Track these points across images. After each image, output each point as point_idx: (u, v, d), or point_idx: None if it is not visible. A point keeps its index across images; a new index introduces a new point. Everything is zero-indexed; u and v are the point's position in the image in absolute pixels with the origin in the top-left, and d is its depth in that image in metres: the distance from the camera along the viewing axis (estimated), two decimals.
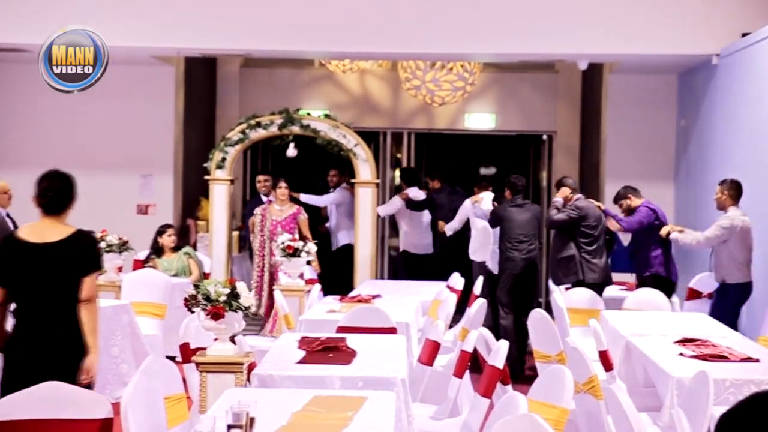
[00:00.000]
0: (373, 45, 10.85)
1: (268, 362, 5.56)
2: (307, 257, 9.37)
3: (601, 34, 10.55)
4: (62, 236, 5.11)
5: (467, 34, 10.64)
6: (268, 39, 10.73)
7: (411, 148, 14.86)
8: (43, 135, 12.56)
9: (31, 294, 5.03)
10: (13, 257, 5.05)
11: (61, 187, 5.23)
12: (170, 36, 10.67)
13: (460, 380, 5.90)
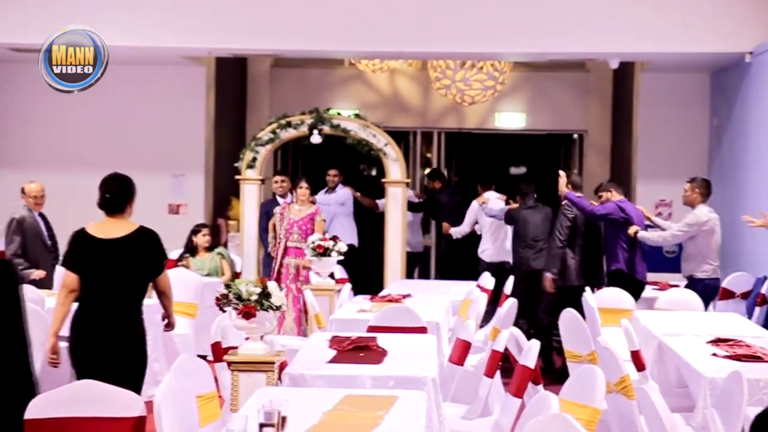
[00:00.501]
0: (403, 44, 10.85)
1: (299, 361, 5.57)
2: (338, 257, 9.38)
3: (632, 32, 10.49)
4: (126, 232, 5.63)
5: (498, 33, 10.61)
6: (298, 39, 10.76)
7: (441, 147, 14.85)
8: (76, 135, 12.64)
9: (99, 284, 5.55)
10: (83, 251, 5.57)
11: (120, 188, 5.72)
12: (201, 36, 10.72)
13: (491, 380, 5.88)
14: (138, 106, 12.66)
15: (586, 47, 10.68)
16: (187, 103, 12.72)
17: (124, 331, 5.56)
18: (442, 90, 13.21)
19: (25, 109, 12.62)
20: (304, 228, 10.01)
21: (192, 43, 10.82)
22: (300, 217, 10.05)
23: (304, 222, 10.05)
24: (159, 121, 12.67)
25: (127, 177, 5.82)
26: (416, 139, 14.78)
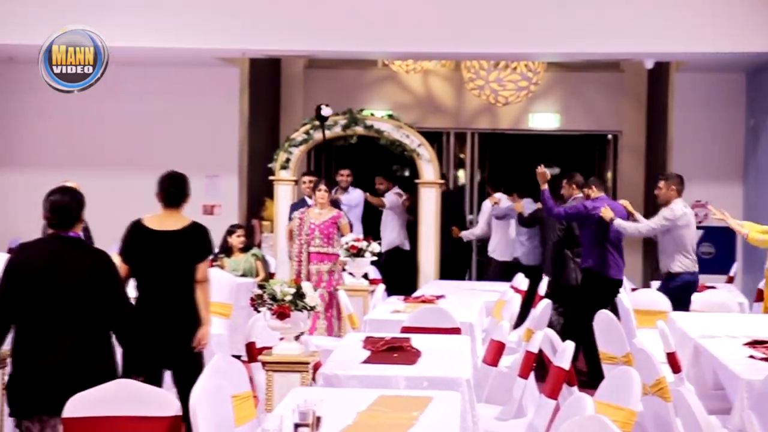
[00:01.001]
0: (437, 45, 10.84)
1: (334, 362, 5.58)
2: (372, 257, 9.39)
3: (667, 32, 10.42)
4: (181, 226, 5.97)
5: (532, 34, 10.58)
6: (332, 40, 10.77)
7: (474, 148, 14.82)
8: (112, 136, 12.73)
9: (154, 273, 5.86)
10: (139, 242, 5.88)
11: (180, 184, 6.09)
12: (235, 38, 10.76)
13: (525, 381, 5.87)
14: (173, 108, 12.73)
15: (621, 47, 10.62)
16: (222, 105, 12.77)
17: (182, 318, 5.87)
18: (475, 91, 13.18)
19: (61, 109, 12.72)
20: (326, 232, 9.52)
21: (226, 44, 10.87)
22: (321, 220, 9.53)
23: (326, 226, 9.54)
24: (193, 123, 12.74)
25: (185, 175, 6.20)
26: (449, 140, 14.76)
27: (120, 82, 12.72)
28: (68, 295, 4.66)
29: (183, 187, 6.11)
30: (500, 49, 10.93)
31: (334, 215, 9.56)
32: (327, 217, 9.53)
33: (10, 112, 12.79)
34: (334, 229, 9.50)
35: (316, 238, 9.45)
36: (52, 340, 4.63)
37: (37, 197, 4.92)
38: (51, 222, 4.84)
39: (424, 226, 11.53)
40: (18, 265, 4.74)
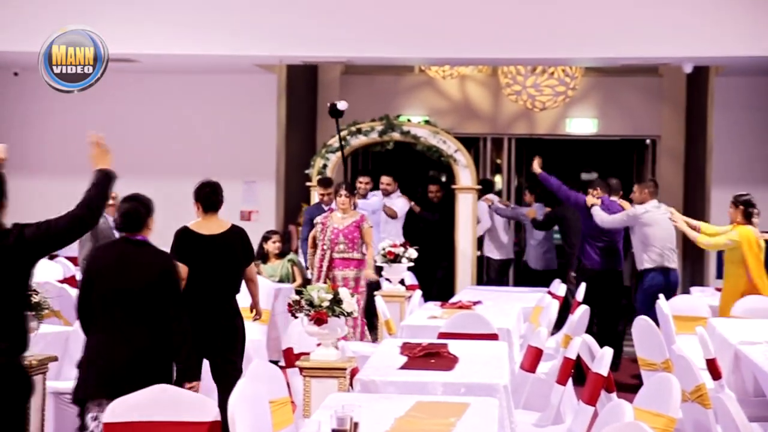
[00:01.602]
0: (474, 50, 10.83)
1: (371, 367, 5.58)
2: (409, 263, 9.39)
3: (706, 36, 10.34)
4: (223, 229, 6.46)
5: (569, 39, 10.53)
6: (369, 46, 10.79)
7: (511, 153, 14.79)
8: (151, 143, 12.82)
9: (206, 275, 6.30)
10: (191, 246, 6.34)
11: (217, 190, 6.56)
12: (273, 44, 10.81)
13: (563, 387, 5.84)
14: (211, 114, 12.81)
15: (659, 52, 10.55)
16: (259, 111, 12.83)
17: (229, 316, 6.38)
18: (512, 96, 13.15)
19: (99, 117, 12.84)
20: (350, 237, 9.28)
21: (264, 51, 10.92)
22: (344, 225, 9.29)
23: (349, 230, 9.30)
24: (231, 129, 12.81)
25: (218, 183, 6.68)
26: (486, 145, 14.73)
27: (159, 89, 12.83)
28: (136, 292, 5.16)
29: (220, 193, 6.60)
30: (537, 55, 10.90)
31: (357, 219, 9.34)
32: (350, 221, 9.32)
33: (40, 118, 12.93)
34: (358, 233, 9.29)
35: (340, 243, 9.25)
36: (121, 333, 5.14)
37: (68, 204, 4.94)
38: (121, 226, 5.36)
39: (461, 232, 11.52)
40: (93, 265, 5.34)
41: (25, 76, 12.59)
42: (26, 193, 12.56)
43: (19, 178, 12.86)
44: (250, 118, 12.81)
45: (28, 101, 12.93)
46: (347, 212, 9.32)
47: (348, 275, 9.25)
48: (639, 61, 11.52)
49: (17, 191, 12.92)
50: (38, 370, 5.57)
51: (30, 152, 12.95)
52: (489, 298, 9.18)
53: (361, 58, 11.32)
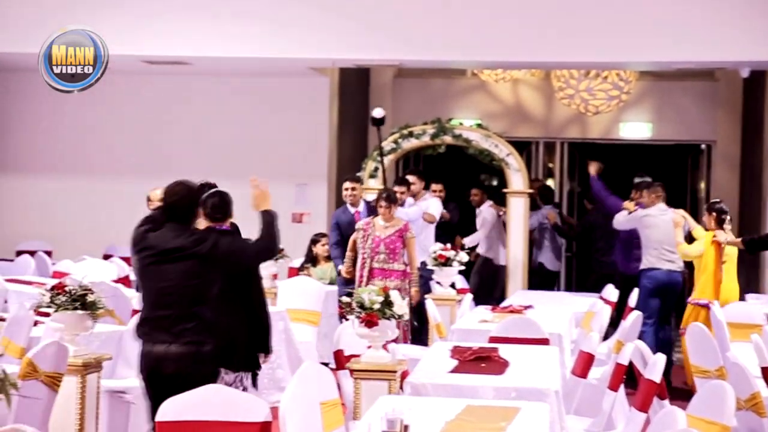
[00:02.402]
0: (527, 54, 10.78)
1: (421, 371, 5.58)
2: (460, 267, 9.37)
3: (764, 40, 10.20)
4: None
5: (623, 42, 10.45)
6: (421, 49, 10.79)
7: (564, 157, 14.70)
8: (205, 145, 12.93)
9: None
10: None
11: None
12: (326, 47, 10.85)
13: (615, 393, 5.80)
14: (263, 117, 12.88)
15: (715, 55, 10.43)
16: (311, 114, 12.88)
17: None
18: (565, 100, 13.08)
19: (155, 118, 12.99)
20: (392, 247, 8.78)
21: (317, 54, 10.96)
22: (386, 234, 8.80)
23: (391, 240, 8.80)
24: (283, 132, 12.87)
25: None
26: (539, 150, 14.66)
27: (212, 92, 12.94)
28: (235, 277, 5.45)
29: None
30: (591, 58, 10.83)
31: (401, 228, 8.84)
32: (393, 230, 8.83)
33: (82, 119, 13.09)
34: (401, 243, 8.80)
35: (380, 252, 8.77)
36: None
37: (134, 205, 5.06)
38: (211, 217, 5.67)
39: (513, 236, 11.47)
40: None
41: None
42: (107, 194, 12.77)
43: (79, 179, 13.06)
44: (303, 121, 12.86)
45: (86, 103, 13.10)
46: (389, 219, 8.86)
47: (389, 286, 8.83)
48: (695, 65, 11.40)
49: (90, 192, 13.05)
50: (93, 369, 5.63)
51: (87, 154, 13.12)
52: (540, 302, 9.13)
53: (414, 61, 11.32)
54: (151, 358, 5.15)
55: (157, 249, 5.25)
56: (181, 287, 5.18)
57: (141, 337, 5.23)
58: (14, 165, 13.18)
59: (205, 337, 5.15)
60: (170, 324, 5.14)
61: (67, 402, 5.43)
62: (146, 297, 5.32)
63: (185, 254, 5.22)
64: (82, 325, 5.69)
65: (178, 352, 5.09)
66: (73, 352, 5.48)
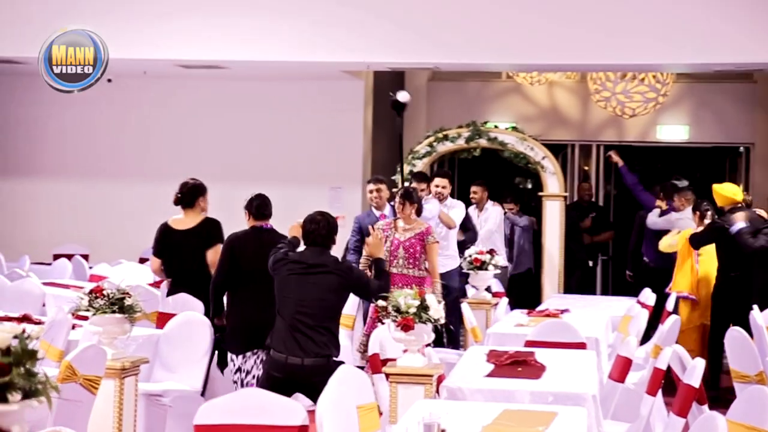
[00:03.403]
0: (562, 56, 10.73)
1: (457, 375, 5.56)
2: (495, 270, 9.34)
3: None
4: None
5: (660, 44, 10.37)
6: (456, 52, 10.76)
7: (600, 160, 14.61)
8: (239, 149, 12.98)
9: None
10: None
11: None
12: (360, 50, 10.85)
13: (653, 398, 5.75)
14: (297, 120, 12.91)
15: (753, 57, 10.31)
16: (346, 117, 12.90)
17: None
18: (601, 102, 13.01)
19: (187, 122, 13.06)
20: (412, 251, 8.12)
21: (351, 57, 10.98)
22: (406, 237, 8.15)
23: (411, 243, 8.14)
24: (318, 135, 12.89)
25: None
26: (574, 152, 14.59)
27: (246, 95, 12.98)
28: (264, 269, 6.07)
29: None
30: (628, 60, 10.75)
31: (422, 231, 8.17)
32: (414, 233, 8.17)
33: (136, 123, 13.18)
34: (420, 247, 8.14)
35: (399, 257, 8.11)
36: (256, 303, 6.55)
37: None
38: (256, 217, 6.84)
39: (548, 239, 11.42)
40: (233, 248, 6.76)
41: (118, 82, 12.85)
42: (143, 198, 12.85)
43: (115, 183, 13.15)
44: (337, 125, 12.88)
45: (122, 107, 13.21)
46: (410, 221, 8.20)
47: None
48: (733, 66, 11.28)
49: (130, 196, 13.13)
50: (130, 372, 5.67)
51: (123, 158, 13.21)
52: (577, 306, 9.08)
53: (448, 64, 11.31)
54: (282, 367, 5.73)
55: (299, 263, 5.89)
56: (319, 300, 5.77)
57: (274, 346, 5.82)
58: (52, 169, 13.30)
59: (333, 350, 5.82)
60: (306, 335, 5.72)
61: (105, 405, 5.46)
62: (282, 308, 5.86)
63: (327, 270, 5.84)
64: (119, 328, 5.73)
65: (311, 365, 5.67)
66: (111, 356, 5.52)
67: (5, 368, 2.82)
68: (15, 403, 2.80)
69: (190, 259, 7.53)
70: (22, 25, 10.69)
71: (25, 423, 2.81)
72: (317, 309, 5.76)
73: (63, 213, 13.14)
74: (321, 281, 5.79)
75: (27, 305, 7.62)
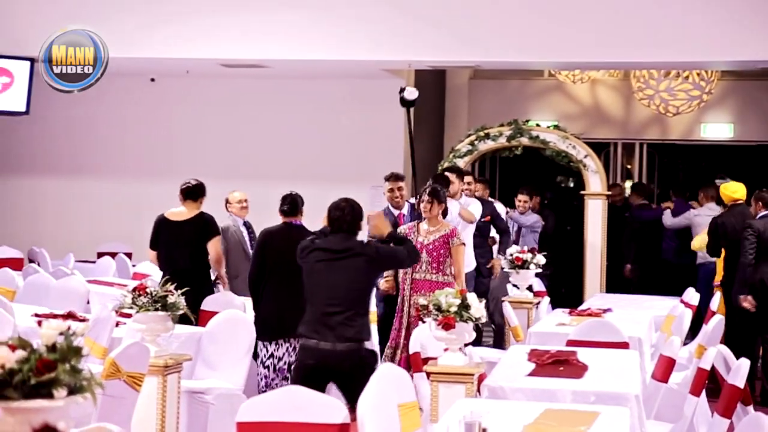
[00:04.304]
0: (605, 54, 10.66)
1: (498, 374, 5.54)
2: (537, 269, 9.29)
3: None
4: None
5: (704, 42, 10.27)
6: (498, 50, 10.73)
7: (643, 159, 14.52)
8: (280, 147, 13.03)
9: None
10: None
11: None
12: (402, 49, 10.85)
13: (697, 399, 5.69)
14: (339, 119, 12.94)
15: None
16: (387, 116, 12.88)
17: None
18: (644, 100, 12.92)
19: (235, 121, 13.12)
20: (436, 254, 7.47)
21: (393, 56, 10.98)
22: (430, 240, 7.50)
23: (435, 247, 7.49)
24: (359, 133, 12.91)
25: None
26: (617, 151, 14.49)
27: (289, 94, 13.03)
28: (292, 261, 6.06)
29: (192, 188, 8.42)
30: (671, 58, 10.66)
31: (447, 233, 7.51)
32: (439, 235, 7.52)
33: (177, 122, 13.26)
34: (446, 250, 7.49)
35: (423, 262, 7.42)
36: (287, 293, 6.81)
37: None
38: (287, 214, 7.20)
39: (590, 238, 11.35)
40: (265, 242, 7.15)
41: (161, 81, 12.95)
42: None
43: (158, 181, 13.24)
44: (378, 123, 12.88)
45: (165, 106, 13.30)
46: (434, 223, 7.55)
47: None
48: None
49: None
50: (173, 369, 5.71)
51: (167, 156, 13.31)
52: (619, 305, 9.01)
53: (490, 62, 11.27)
54: (314, 353, 5.68)
55: (327, 251, 5.82)
56: (349, 285, 5.72)
57: (305, 333, 5.76)
58: (96, 168, 13.43)
59: (364, 335, 5.80)
60: (337, 321, 5.67)
61: (149, 402, 5.50)
62: (312, 296, 5.81)
63: (354, 253, 5.77)
64: (162, 326, 5.77)
65: (343, 350, 5.62)
66: (154, 353, 5.56)
67: (51, 365, 2.85)
68: (60, 399, 2.84)
69: (186, 248, 8.05)
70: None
71: (71, 419, 2.84)
72: (347, 294, 5.72)
73: (107, 211, 13.26)
74: (350, 265, 5.74)
75: (72, 303, 7.70)
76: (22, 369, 2.84)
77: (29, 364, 2.85)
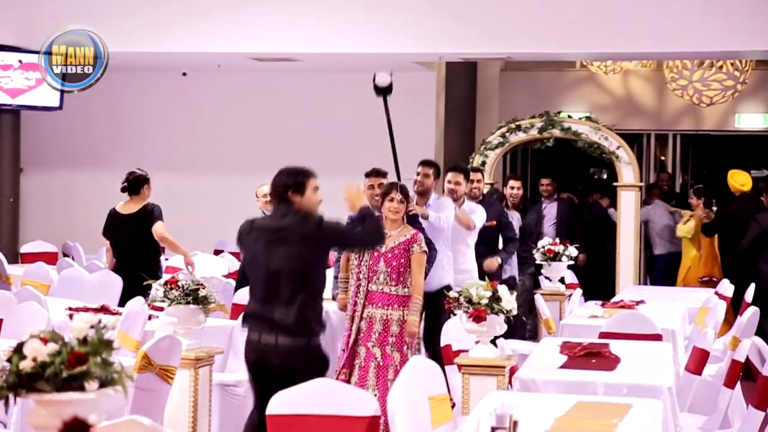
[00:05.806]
0: (638, 45, 10.58)
1: (530, 366, 5.52)
2: (569, 261, 9.25)
3: None
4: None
5: (738, 31, 10.17)
6: (529, 42, 10.68)
7: (676, 150, 14.41)
8: (312, 140, 13.04)
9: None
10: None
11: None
12: (433, 41, 10.83)
13: (732, 391, 5.65)
14: (370, 111, 12.91)
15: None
16: (418, 108, 12.87)
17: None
18: (678, 91, 12.81)
19: (266, 114, 13.16)
20: (396, 264, 6.47)
21: (424, 48, 10.96)
22: (389, 247, 6.46)
23: (395, 255, 6.48)
24: None
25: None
26: (650, 142, 14.39)
27: (320, 87, 13.05)
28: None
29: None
30: (705, 48, 10.56)
31: (408, 239, 6.51)
32: (398, 242, 6.51)
33: (209, 116, 13.31)
34: (406, 258, 6.48)
35: (380, 272, 6.50)
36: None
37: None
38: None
39: (623, 230, 11.28)
40: None
41: (193, 76, 13.00)
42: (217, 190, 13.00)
43: (189, 175, 13.32)
44: (410, 115, 12.85)
45: (198, 100, 13.36)
46: (396, 225, 6.55)
47: (392, 317, 6.48)
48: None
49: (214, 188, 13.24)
50: (205, 363, 5.73)
51: (196, 151, 13.37)
52: (652, 297, 8.95)
53: (521, 54, 11.22)
54: (255, 348, 5.10)
55: (264, 229, 5.15)
56: (289, 269, 4.99)
57: (247, 326, 5.19)
58: (129, 162, 13.48)
59: (313, 328, 5.07)
60: (279, 311, 4.99)
61: (181, 395, 5.53)
62: (253, 282, 5.25)
63: (291, 231, 5.02)
64: (194, 319, 5.79)
65: (287, 345, 4.98)
66: (186, 346, 5.59)
67: (82, 358, 2.88)
68: (92, 391, 2.86)
69: (132, 239, 8.34)
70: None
71: (102, 412, 2.86)
72: (288, 279, 4.97)
73: None
74: (287, 246, 4.98)
75: (106, 296, 7.75)
76: (54, 362, 2.87)
77: (61, 357, 2.87)
